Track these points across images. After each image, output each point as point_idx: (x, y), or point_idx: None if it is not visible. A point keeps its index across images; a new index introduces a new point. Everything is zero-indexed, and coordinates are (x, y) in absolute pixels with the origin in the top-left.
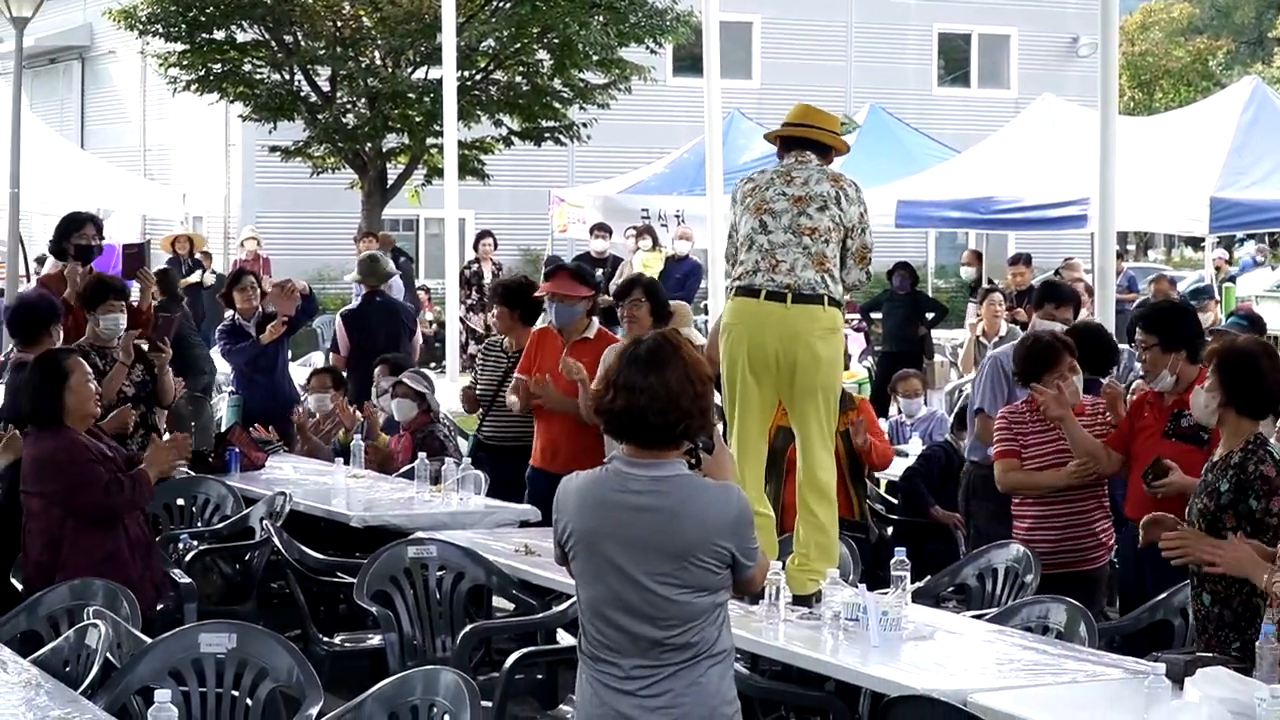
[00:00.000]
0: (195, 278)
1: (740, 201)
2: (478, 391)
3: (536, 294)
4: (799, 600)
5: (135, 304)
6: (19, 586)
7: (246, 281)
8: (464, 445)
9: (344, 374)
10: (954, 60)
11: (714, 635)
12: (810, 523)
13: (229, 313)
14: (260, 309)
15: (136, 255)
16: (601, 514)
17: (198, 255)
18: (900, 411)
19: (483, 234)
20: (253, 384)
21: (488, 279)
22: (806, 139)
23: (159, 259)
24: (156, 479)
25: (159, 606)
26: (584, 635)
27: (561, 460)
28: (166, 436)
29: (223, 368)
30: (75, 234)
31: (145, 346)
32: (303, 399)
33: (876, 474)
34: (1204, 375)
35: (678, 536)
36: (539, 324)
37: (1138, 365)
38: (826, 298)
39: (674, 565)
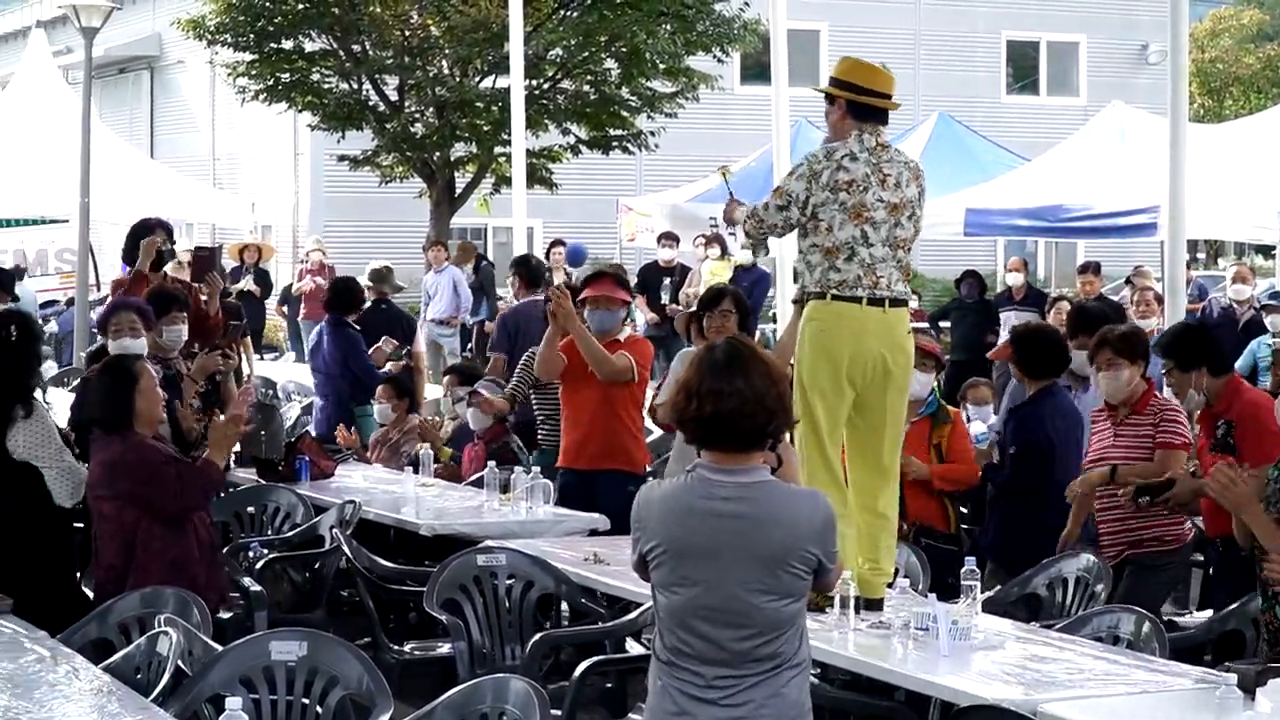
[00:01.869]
0: (245, 284)
1: (825, 184)
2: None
3: (581, 297)
4: (871, 605)
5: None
6: (89, 594)
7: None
8: None
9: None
10: (1023, 68)
11: (795, 645)
12: (879, 524)
13: None
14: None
15: (206, 259)
16: (688, 523)
17: (263, 265)
18: (969, 420)
19: (555, 243)
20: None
21: None
22: (884, 114)
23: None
24: (224, 461)
25: (227, 615)
26: (661, 643)
27: (588, 457)
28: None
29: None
30: (146, 240)
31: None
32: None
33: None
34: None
35: (768, 543)
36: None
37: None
38: (907, 302)
39: (764, 572)
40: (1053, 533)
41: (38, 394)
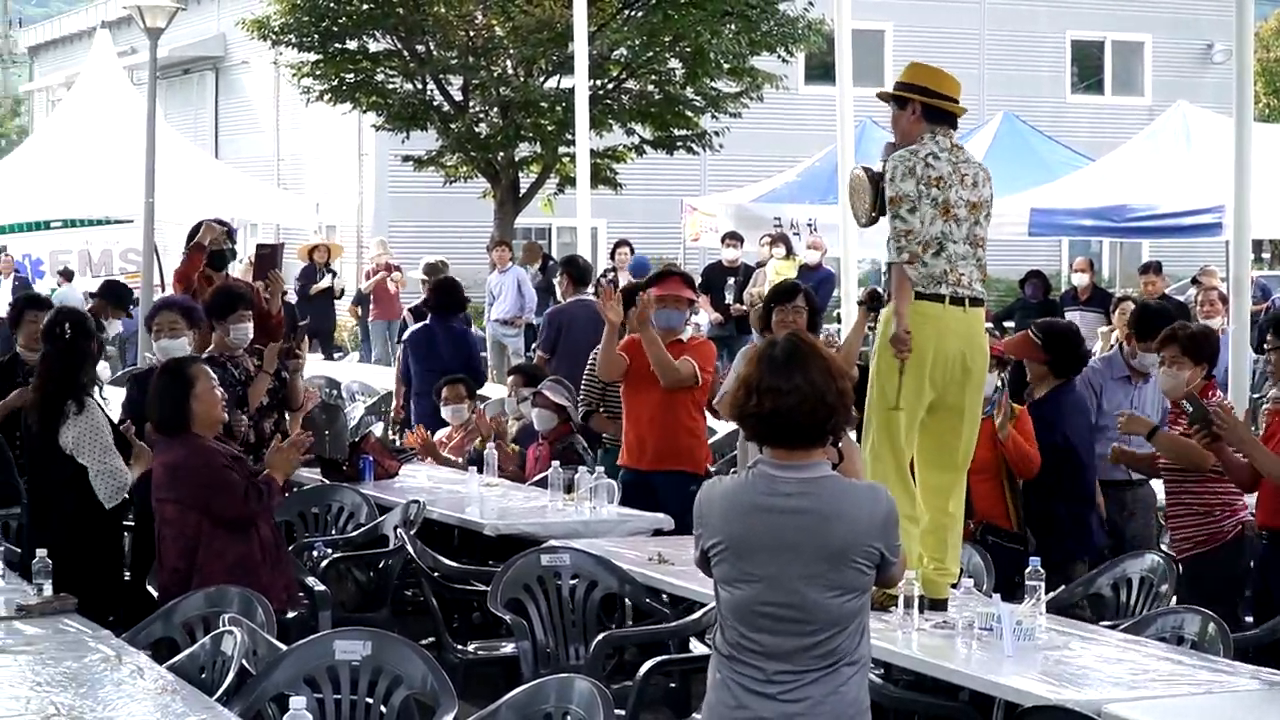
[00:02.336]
0: (325, 283)
1: (919, 178)
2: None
3: (643, 295)
4: (936, 605)
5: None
6: (154, 593)
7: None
8: None
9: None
10: (1087, 67)
11: (856, 642)
12: (947, 524)
13: None
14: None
15: (269, 256)
16: (751, 519)
17: (332, 264)
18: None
19: (619, 243)
20: None
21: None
22: (954, 118)
23: (295, 267)
24: (283, 481)
25: (292, 614)
26: (723, 637)
27: (649, 458)
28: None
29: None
30: (206, 223)
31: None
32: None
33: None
34: None
35: (831, 538)
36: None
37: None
38: (983, 301)
39: (826, 567)
40: (1069, 527)
41: (96, 392)
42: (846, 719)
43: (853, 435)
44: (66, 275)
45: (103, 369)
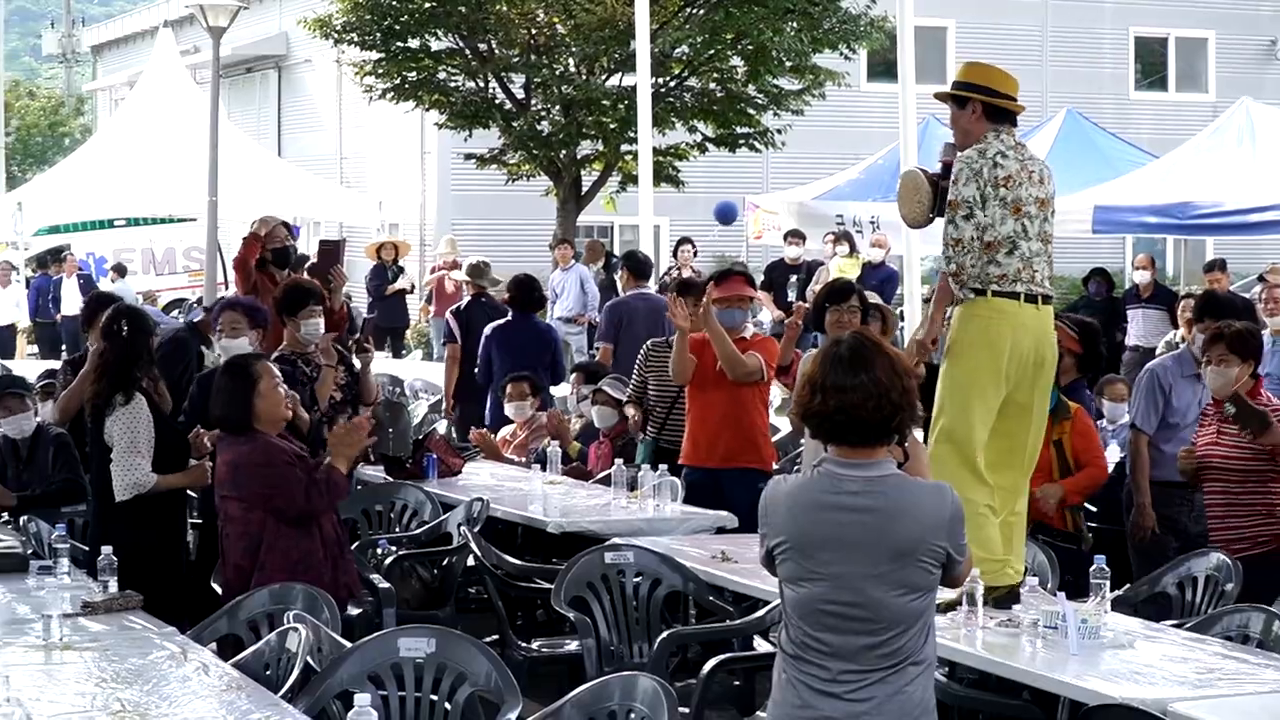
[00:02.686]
0: (402, 283)
1: (987, 180)
2: (651, 391)
3: (710, 297)
4: (994, 593)
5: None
6: (218, 590)
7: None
8: None
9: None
10: (1151, 64)
11: (921, 642)
12: (1016, 523)
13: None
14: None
15: (331, 252)
16: (816, 517)
17: (400, 262)
18: (1102, 416)
19: (682, 240)
20: None
21: None
22: (1012, 112)
23: (363, 266)
24: (348, 468)
25: (356, 611)
26: (788, 636)
27: (717, 456)
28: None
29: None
30: (268, 239)
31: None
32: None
33: None
34: None
35: (896, 537)
36: None
37: None
38: (1053, 299)
39: (891, 566)
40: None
41: (151, 388)
42: (911, 719)
43: (919, 434)
44: (120, 271)
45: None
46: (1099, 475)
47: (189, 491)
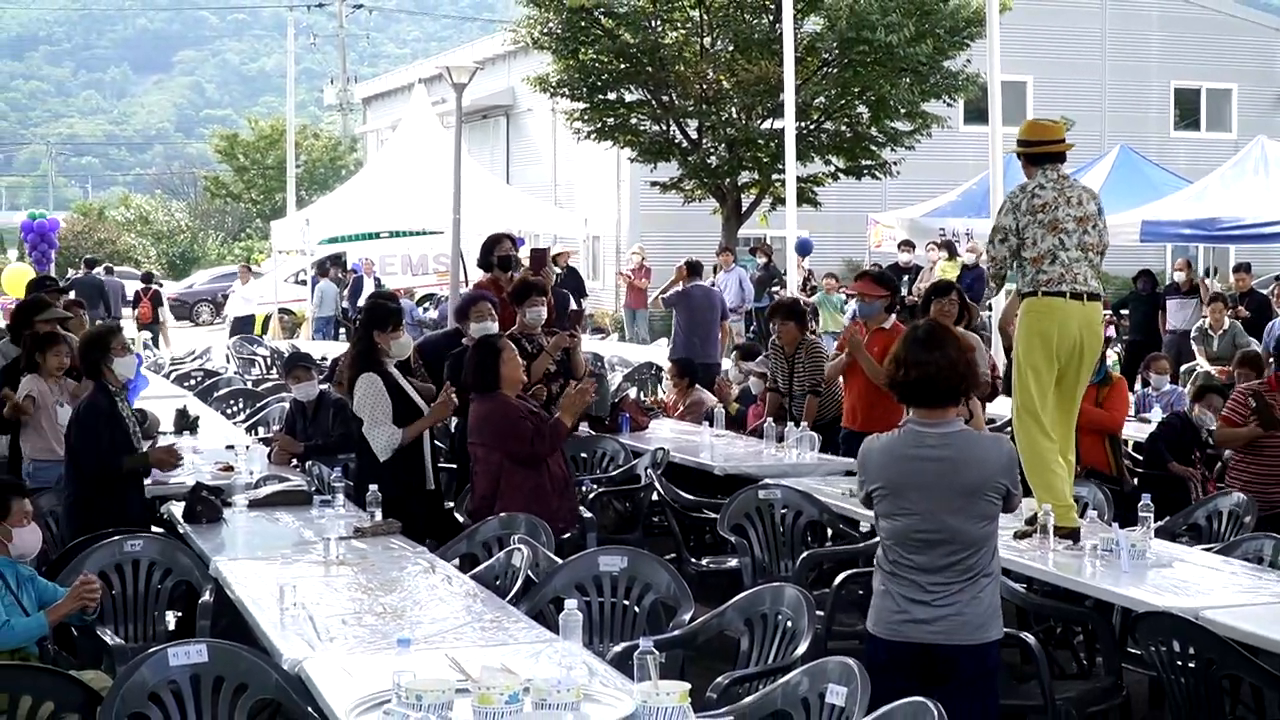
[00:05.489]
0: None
1: (1024, 210)
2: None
3: (847, 292)
4: (1060, 531)
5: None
6: (461, 519)
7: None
8: None
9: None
10: (1186, 109)
11: (989, 558)
12: (1064, 475)
13: None
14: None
15: (540, 256)
16: (903, 466)
17: (566, 264)
18: (1148, 385)
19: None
20: None
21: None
22: (1059, 155)
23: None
24: (573, 422)
25: (566, 535)
26: (885, 556)
27: (860, 420)
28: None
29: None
30: (496, 248)
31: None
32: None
33: (1124, 436)
34: None
35: (966, 478)
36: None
37: None
38: (1100, 295)
39: (964, 501)
40: None
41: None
42: (985, 618)
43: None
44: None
45: (404, 343)
46: (1110, 421)
47: (438, 444)
